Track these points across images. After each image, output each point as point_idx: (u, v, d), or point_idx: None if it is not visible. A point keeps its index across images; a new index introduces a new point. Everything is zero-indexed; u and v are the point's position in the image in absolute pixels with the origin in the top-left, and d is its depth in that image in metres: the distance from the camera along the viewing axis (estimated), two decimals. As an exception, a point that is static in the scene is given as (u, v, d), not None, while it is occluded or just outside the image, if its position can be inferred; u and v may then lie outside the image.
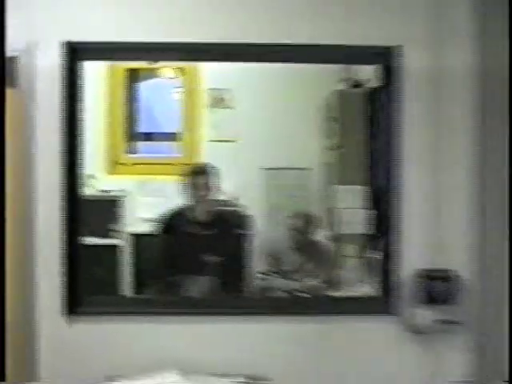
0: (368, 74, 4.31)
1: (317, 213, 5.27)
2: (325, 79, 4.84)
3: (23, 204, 3.72)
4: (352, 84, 4.66)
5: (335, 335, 4.11)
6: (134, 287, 5.07)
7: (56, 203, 3.81)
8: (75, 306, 3.86)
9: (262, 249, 4.98)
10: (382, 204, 4.18)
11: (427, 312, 4.10)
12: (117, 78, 5.91)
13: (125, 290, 5.06)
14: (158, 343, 3.92)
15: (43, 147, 3.83)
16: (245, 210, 5.00)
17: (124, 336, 3.92)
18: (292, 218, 5.29)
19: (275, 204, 5.50)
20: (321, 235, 5.25)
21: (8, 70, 3.38)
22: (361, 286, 4.45)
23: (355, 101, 4.54)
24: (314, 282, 4.83)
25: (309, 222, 5.27)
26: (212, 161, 5.06)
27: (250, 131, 5.49)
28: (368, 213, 4.36)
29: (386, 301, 4.14)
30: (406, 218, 4.11)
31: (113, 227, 5.39)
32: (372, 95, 4.25)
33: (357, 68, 4.69)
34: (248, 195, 5.25)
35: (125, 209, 5.50)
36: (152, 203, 5.50)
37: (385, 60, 4.06)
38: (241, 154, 5.46)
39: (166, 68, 5.88)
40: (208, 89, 5.71)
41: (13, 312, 3.44)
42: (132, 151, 6.11)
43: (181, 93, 5.90)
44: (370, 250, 4.39)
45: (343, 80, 4.77)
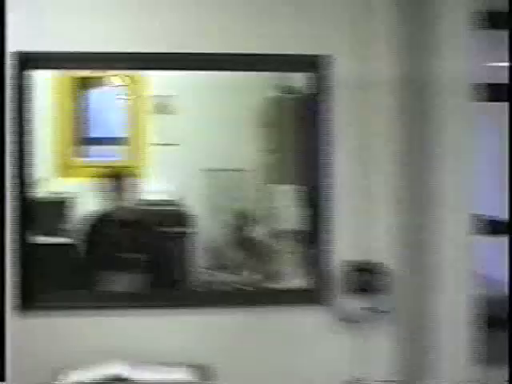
0: (302, 82, 4.37)
1: (254, 211, 5.30)
2: (261, 86, 4.85)
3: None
4: (286, 91, 4.70)
5: (272, 325, 4.17)
6: (83, 283, 5.06)
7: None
8: (27, 302, 3.85)
9: (205, 245, 4.98)
10: (315, 202, 4.21)
11: (356, 301, 4.16)
12: (67, 86, 5.90)
13: (75, 286, 5.05)
14: (107, 336, 3.92)
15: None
16: (187, 210, 4.99)
17: (74, 330, 3.91)
18: (231, 217, 5.32)
19: (216, 203, 5.49)
20: (259, 232, 5.27)
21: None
22: (296, 279, 4.46)
23: (289, 106, 4.54)
24: (253, 276, 4.85)
25: (247, 220, 5.30)
26: (156, 163, 5.10)
27: (192, 135, 5.48)
28: (302, 210, 4.39)
29: (318, 292, 4.20)
30: (337, 215, 4.17)
31: (63, 226, 5.38)
32: (305, 101, 4.30)
33: (291, 76, 4.71)
34: (190, 195, 5.22)
35: (75, 209, 5.50)
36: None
37: (315, 68, 4.11)
38: (183, 157, 5.45)
39: (114, 76, 5.89)
40: (153, 96, 5.71)
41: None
42: (82, 155, 6.12)
43: (128, 99, 5.89)
44: (304, 245, 4.42)
45: (278, 87, 4.82)
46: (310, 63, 4.10)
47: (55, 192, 5.64)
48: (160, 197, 5.18)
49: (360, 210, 4.21)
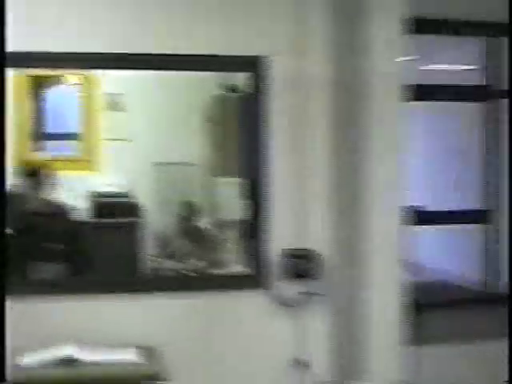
0: (244, 81, 4.46)
1: (200, 203, 5.36)
2: (207, 85, 4.90)
3: None
4: (230, 89, 4.77)
5: (215, 308, 4.26)
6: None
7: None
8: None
9: (153, 235, 5.01)
10: (255, 194, 4.31)
11: (293, 287, 4.27)
12: (24, 84, 5.93)
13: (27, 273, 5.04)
14: (58, 320, 3.94)
15: None
16: (137, 201, 4.99)
17: (27, 314, 3.89)
18: (179, 208, 5.36)
19: (164, 195, 5.51)
20: (204, 222, 5.34)
21: None
22: (238, 266, 4.55)
23: (233, 104, 4.62)
24: (199, 263, 4.91)
25: (193, 211, 5.34)
26: (109, 158, 5.11)
27: (142, 131, 5.52)
28: (244, 202, 4.47)
29: (258, 278, 4.30)
30: (275, 206, 4.28)
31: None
32: (247, 99, 4.39)
33: (236, 75, 4.77)
34: (140, 188, 5.24)
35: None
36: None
37: (254, 68, 4.22)
38: (134, 152, 5.48)
39: (70, 75, 5.92)
40: (106, 94, 5.73)
41: None
42: (39, 150, 6.13)
43: (82, 97, 5.94)
44: (246, 234, 4.49)
45: (223, 86, 4.88)
46: (250, 63, 4.21)
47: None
48: (111, 189, 5.21)
49: (297, 201, 4.31)
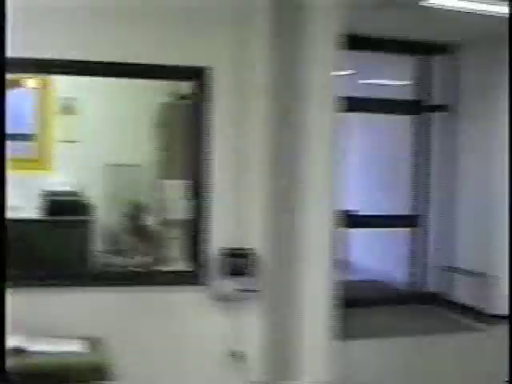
0: (190, 89, 4.59)
1: (147, 202, 5.46)
2: (156, 92, 5.02)
3: None
4: (177, 97, 4.88)
5: (159, 302, 4.39)
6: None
7: None
8: None
9: (103, 232, 5.08)
10: (198, 195, 4.46)
11: (231, 283, 4.42)
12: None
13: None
14: (7, 311, 3.89)
15: None
16: (87, 200, 5.01)
17: None
18: (127, 207, 5.47)
19: (114, 195, 5.57)
20: (151, 220, 5.44)
21: None
22: (180, 262, 4.66)
23: (179, 110, 4.71)
24: (145, 259, 4.99)
25: (140, 210, 5.46)
26: (62, 159, 5.15)
27: (94, 134, 5.59)
28: (188, 202, 4.58)
29: (198, 274, 4.45)
30: (215, 206, 4.44)
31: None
32: (192, 106, 4.51)
33: (183, 83, 4.87)
34: (91, 187, 5.29)
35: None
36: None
37: (198, 78, 4.38)
38: (86, 153, 5.54)
39: (28, 78, 5.97)
40: (60, 97, 5.76)
41: None
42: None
43: (38, 100, 5.96)
44: (189, 233, 4.60)
45: (171, 93, 4.98)
46: (194, 73, 4.37)
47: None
48: (64, 188, 5.26)
49: (236, 203, 4.46)
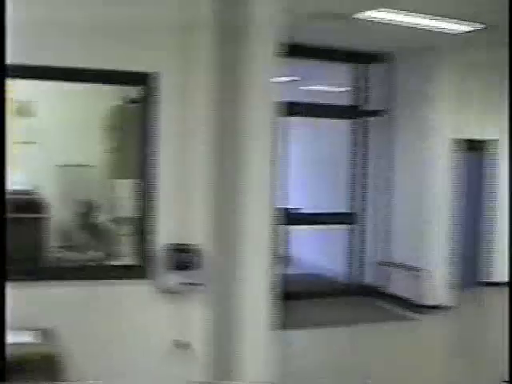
0: (140, 93, 4.73)
1: (99, 201, 5.58)
2: (108, 95, 5.11)
3: None
4: (128, 100, 5.02)
5: (108, 295, 4.54)
6: None
7: None
8: None
9: (56, 229, 5.12)
10: (145, 193, 4.62)
11: (176, 277, 4.57)
12: None
13: None
14: None
15: None
16: (42, 198, 4.97)
17: None
18: (80, 205, 5.59)
19: (67, 193, 5.64)
20: (102, 218, 5.56)
21: None
22: (129, 257, 4.80)
23: (130, 113, 4.83)
24: (96, 254, 5.10)
25: (92, 208, 5.58)
26: (17, 159, 5.20)
27: (49, 136, 5.65)
28: (136, 200, 4.71)
29: (145, 268, 4.60)
30: (162, 204, 4.60)
31: None
32: (140, 109, 4.66)
33: (133, 88, 5.00)
34: (45, 186, 5.32)
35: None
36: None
37: (145, 83, 4.55)
38: (41, 154, 5.61)
39: None
40: (16, 100, 5.80)
41: None
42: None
43: None
44: (137, 229, 4.73)
45: (121, 97, 5.11)
46: (142, 78, 4.55)
47: None
48: (19, 187, 5.31)
49: (180, 201, 4.62)
